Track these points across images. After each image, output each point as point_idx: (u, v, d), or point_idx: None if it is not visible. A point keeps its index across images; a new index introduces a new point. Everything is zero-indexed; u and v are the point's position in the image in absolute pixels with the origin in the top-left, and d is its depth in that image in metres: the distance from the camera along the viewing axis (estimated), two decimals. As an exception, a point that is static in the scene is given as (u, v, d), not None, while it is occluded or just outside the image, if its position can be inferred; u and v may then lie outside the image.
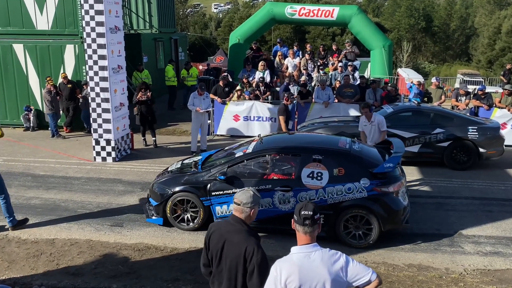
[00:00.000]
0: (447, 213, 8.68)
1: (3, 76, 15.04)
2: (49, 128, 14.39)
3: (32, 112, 14.98)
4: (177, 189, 7.80)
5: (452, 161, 11.27)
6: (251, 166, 7.76)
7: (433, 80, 15.34)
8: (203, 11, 72.19)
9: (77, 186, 10.03)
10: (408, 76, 24.00)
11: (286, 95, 11.69)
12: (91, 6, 10.97)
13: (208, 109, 12.67)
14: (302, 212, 3.30)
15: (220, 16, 69.35)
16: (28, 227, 7.96)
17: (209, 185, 7.64)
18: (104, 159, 11.75)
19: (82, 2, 11.09)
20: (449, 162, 11.27)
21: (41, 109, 15.05)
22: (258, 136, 8.45)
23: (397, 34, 54.82)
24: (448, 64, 54.11)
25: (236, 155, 7.90)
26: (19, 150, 12.75)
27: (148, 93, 12.75)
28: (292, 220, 3.38)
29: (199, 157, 8.70)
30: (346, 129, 11.15)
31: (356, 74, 16.33)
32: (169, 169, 8.63)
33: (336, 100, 14.09)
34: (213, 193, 7.61)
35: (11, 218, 7.84)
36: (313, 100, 13.99)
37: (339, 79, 15.66)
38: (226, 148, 9.04)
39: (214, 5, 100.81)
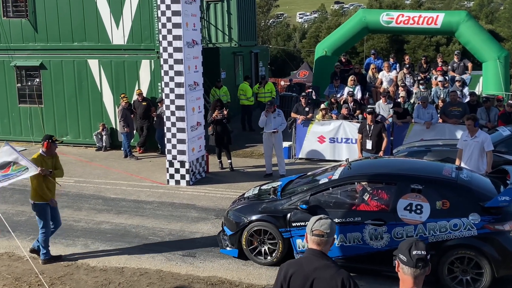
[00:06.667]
0: None
1: (77, 93, 16.20)
2: (122, 148, 15.27)
3: (105, 131, 15.97)
4: (253, 217, 7.90)
5: None
6: (338, 194, 7.69)
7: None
8: (286, 21, 73.29)
9: (149, 211, 10.51)
10: (530, 93, 22.56)
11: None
12: (169, 19, 11.60)
13: (275, 129, 12.43)
14: (414, 252, 3.20)
15: (306, 26, 69.97)
16: (97, 254, 8.44)
17: (289, 215, 7.65)
18: (177, 182, 12.21)
19: (159, 15, 11.76)
20: None
21: (115, 128, 16.01)
22: (346, 161, 8.37)
23: (516, 42, 52.00)
24: None
25: (320, 182, 7.87)
26: (90, 171, 13.63)
27: (225, 111, 13.12)
28: (396, 261, 3.30)
29: (279, 183, 8.76)
30: (453, 155, 10.66)
31: (465, 90, 15.70)
32: (245, 195, 8.79)
33: (441, 120, 13.61)
34: (293, 224, 7.61)
35: (45, 251, 8.11)
36: (413, 120, 13.62)
37: (442, 96, 15.13)
38: (309, 173, 9.04)
39: (299, 14, 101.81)
